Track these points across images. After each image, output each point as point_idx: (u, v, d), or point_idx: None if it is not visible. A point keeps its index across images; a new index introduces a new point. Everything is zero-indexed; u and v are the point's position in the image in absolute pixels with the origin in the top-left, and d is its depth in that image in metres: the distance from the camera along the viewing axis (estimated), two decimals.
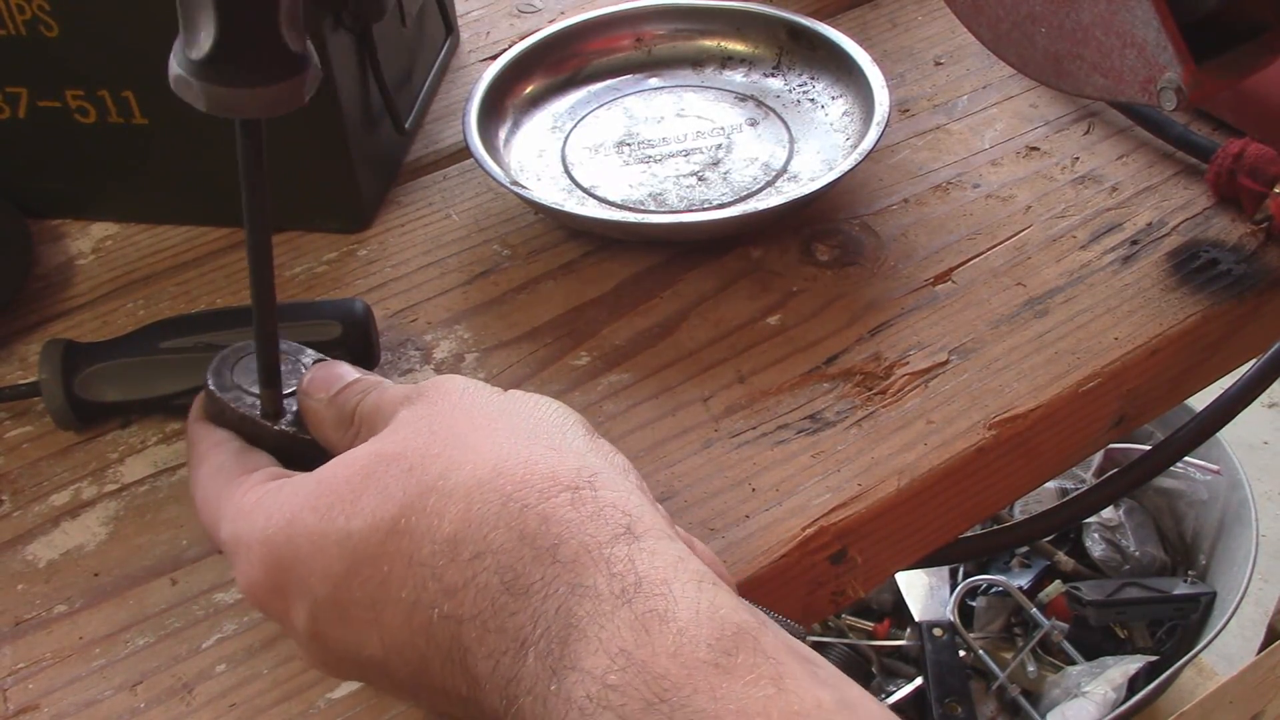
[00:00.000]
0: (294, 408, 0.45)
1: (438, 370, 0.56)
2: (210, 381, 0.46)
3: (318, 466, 0.40)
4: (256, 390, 0.45)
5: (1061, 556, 1.46)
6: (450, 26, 0.75)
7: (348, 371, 0.45)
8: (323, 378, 0.45)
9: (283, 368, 0.46)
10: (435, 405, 0.40)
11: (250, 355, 0.47)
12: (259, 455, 0.44)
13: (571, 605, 0.34)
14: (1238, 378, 0.61)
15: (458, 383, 0.41)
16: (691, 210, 0.61)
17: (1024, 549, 1.48)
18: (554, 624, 0.34)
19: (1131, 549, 1.44)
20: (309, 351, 0.47)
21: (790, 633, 0.39)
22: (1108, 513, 1.46)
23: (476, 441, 0.38)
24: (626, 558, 0.34)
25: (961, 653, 1.36)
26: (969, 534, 0.60)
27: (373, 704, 0.43)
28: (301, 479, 0.40)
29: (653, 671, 0.32)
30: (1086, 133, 0.67)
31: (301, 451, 0.44)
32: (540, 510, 0.35)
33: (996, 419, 0.52)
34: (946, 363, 0.55)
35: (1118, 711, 1.26)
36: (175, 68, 0.38)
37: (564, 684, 0.33)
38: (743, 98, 0.69)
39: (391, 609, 0.37)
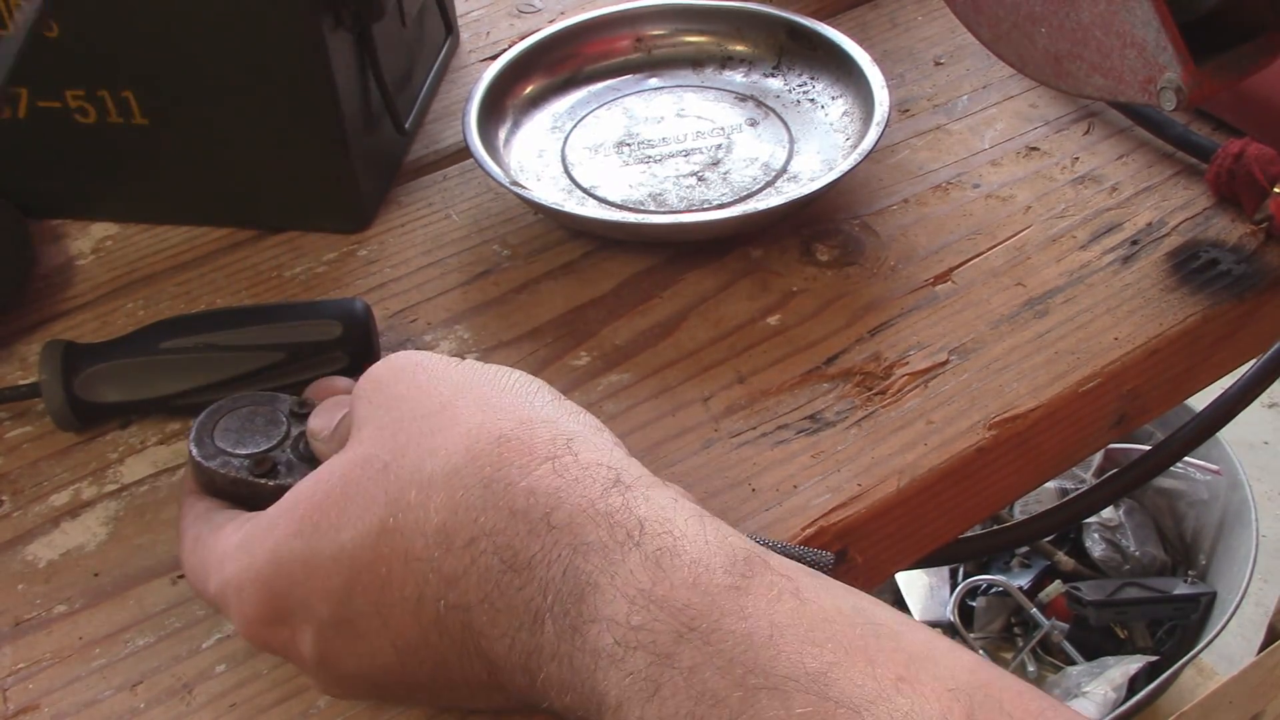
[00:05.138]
0: (284, 459, 0.45)
1: None
2: (194, 452, 0.45)
3: None
4: (242, 451, 0.45)
5: (1061, 556, 1.46)
6: (450, 26, 0.75)
7: (339, 400, 0.44)
8: (324, 411, 0.44)
9: (262, 420, 0.45)
10: (392, 392, 0.40)
11: (228, 414, 0.46)
12: (235, 512, 0.43)
13: (578, 564, 0.34)
14: (1238, 378, 0.61)
15: (410, 359, 0.41)
16: (691, 210, 0.61)
17: (1024, 549, 1.48)
18: (564, 587, 0.34)
19: (1131, 549, 1.44)
20: (283, 397, 0.47)
21: (817, 559, 0.40)
22: (1108, 513, 1.46)
23: (443, 424, 0.38)
24: (623, 506, 0.35)
25: None
26: (969, 534, 0.60)
27: (373, 704, 0.43)
28: (276, 508, 0.40)
29: (674, 604, 0.32)
30: (1086, 133, 0.67)
31: None
32: (525, 485, 0.35)
33: (996, 419, 0.52)
34: (946, 363, 0.55)
35: (1118, 711, 1.26)
36: None
37: (586, 639, 0.33)
38: (743, 98, 0.68)
39: (398, 610, 0.37)
